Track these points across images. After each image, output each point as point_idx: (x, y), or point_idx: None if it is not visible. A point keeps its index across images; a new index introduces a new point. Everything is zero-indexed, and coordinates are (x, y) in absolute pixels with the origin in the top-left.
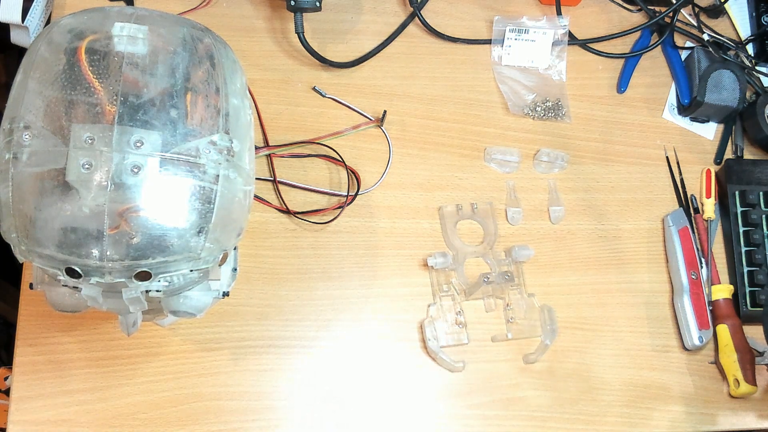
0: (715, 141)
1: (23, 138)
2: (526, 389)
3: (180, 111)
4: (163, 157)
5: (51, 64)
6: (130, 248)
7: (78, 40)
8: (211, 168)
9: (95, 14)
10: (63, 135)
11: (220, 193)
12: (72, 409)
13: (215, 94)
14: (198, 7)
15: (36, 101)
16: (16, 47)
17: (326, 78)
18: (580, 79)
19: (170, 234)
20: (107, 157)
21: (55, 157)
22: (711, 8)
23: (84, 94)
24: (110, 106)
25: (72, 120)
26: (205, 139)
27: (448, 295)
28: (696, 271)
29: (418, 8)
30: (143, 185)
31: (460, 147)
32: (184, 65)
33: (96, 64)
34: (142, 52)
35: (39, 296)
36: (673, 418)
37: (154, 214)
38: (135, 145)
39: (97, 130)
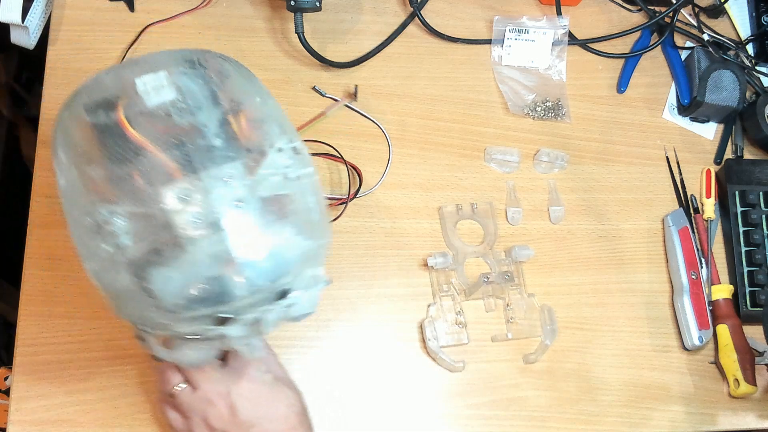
0: (715, 141)
1: (115, 225)
2: (526, 389)
3: (237, 132)
4: (254, 179)
5: (100, 147)
6: (266, 274)
7: (110, 113)
8: (291, 172)
9: (106, 79)
10: (154, 204)
11: (310, 190)
12: (72, 409)
13: (250, 104)
14: (198, 7)
15: (106, 187)
16: (16, 47)
17: (326, 78)
18: (580, 79)
19: (292, 245)
20: (209, 203)
21: (158, 228)
22: (711, 8)
23: (151, 158)
24: (183, 158)
25: (154, 186)
26: (273, 150)
27: (448, 295)
28: (696, 271)
29: (418, 8)
30: (251, 212)
31: (460, 147)
32: (212, 90)
33: (145, 127)
34: (173, 97)
35: (39, 296)
36: (673, 418)
37: (270, 233)
38: (226, 181)
39: (185, 184)
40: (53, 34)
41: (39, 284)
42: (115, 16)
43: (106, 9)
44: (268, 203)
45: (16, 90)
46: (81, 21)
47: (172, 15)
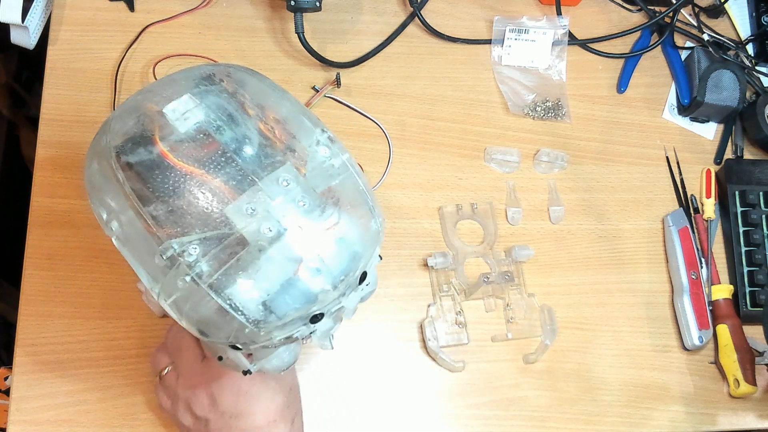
0: (715, 141)
1: (190, 254)
2: (526, 389)
3: (275, 135)
4: (306, 177)
5: (151, 185)
6: (344, 263)
7: (150, 148)
8: (334, 161)
9: (128, 116)
10: (223, 225)
11: (354, 173)
12: (72, 409)
13: (274, 105)
14: (198, 7)
15: (169, 222)
16: (16, 47)
17: (326, 78)
18: (580, 79)
19: (357, 229)
20: (274, 210)
21: (232, 246)
22: (711, 8)
23: (207, 182)
24: (236, 174)
25: (218, 209)
26: (312, 143)
27: (448, 295)
28: (696, 271)
29: (418, 8)
30: (314, 209)
31: (460, 147)
32: (238, 100)
33: (188, 153)
34: (204, 117)
35: (39, 296)
36: (673, 418)
37: (336, 223)
38: (284, 185)
39: (246, 198)
40: (53, 34)
41: (39, 284)
42: (115, 16)
43: (106, 9)
44: (324, 196)
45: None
46: (81, 21)
47: (172, 15)
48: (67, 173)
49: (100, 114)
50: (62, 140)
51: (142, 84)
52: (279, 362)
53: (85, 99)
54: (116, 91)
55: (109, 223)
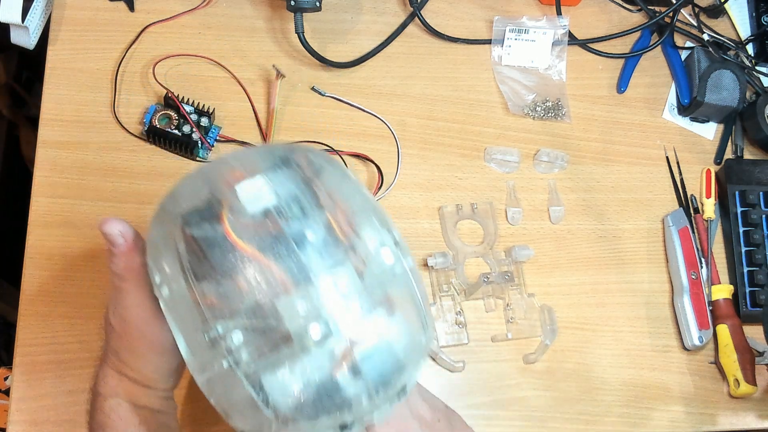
0: (715, 141)
1: (232, 339)
2: (526, 389)
3: (341, 232)
4: (364, 280)
5: (208, 261)
6: (385, 376)
7: (215, 225)
8: (397, 267)
9: (200, 185)
10: (270, 317)
11: (414, 281)
12: (72, 409)
13: (346, 199)
14: (198, 7)
15: (218, 302)
16: (16, 47)
17: (326, 78)
18: (580, 79)
19: (404, 341)
20: (324, 311)
21: (275, 340)
22: (711, 8)
23: (263, 270)
24: (295, 266)
25: (269, 299)
26: (377, 245)
27: (448, 295)
28: (696, 271)
29: (418, 8)
30: (366, 315)
31: (460, 147)
32: (312, 190)
33: (251, 237)
34: (275, 202)
35: (39, 296)
36: (673, 418)
37: (385, 333)
38: (340, 286)
39: (299, 293)
40: (53, 34)
41: (39, 284)
42: (115, 16)
43: (106, 9)
44: (379, 303)
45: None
46: (81, 21)
47: (172, 15)
48: (67, 173)
49: (100, 114)
50: (62, 140)
51: (142, 84)
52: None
53: (85, 99)
54: (116, 91)
55: (160, 286)
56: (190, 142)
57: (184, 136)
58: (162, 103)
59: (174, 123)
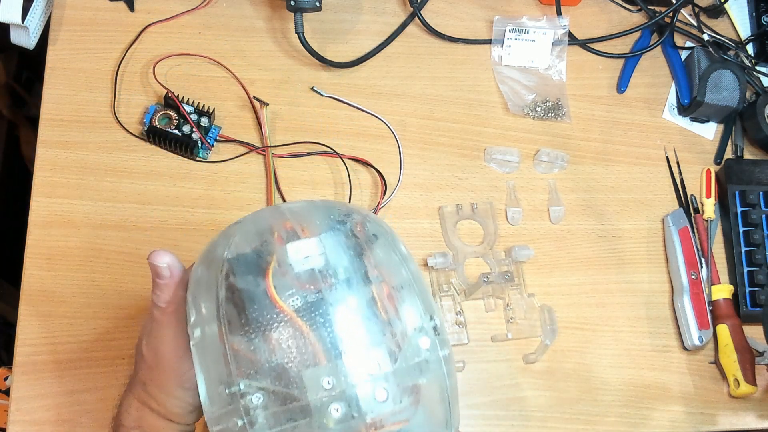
0: (715, 141)
1: (251, 400)
2: (526, 389)
3: (382, 310)
4: (396, 367)
5: (245, 315)
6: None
7: (258, 279)
8: (431, 356)
9: (257, 232)
10: (294, 387)
11: (446, 374)
12: (72, 409)
13: (394, 275)
14: (198, 7)
15: (246, 357)
16: (16, 47)
17: (326, 78)
18: (580, 79)
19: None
20: (350, 391)
21: (294, 410)
22: (711, 8)
23: (297, 336)
24: (329, 339)
25: (297, 368)
26: (415, 331)
27: (448, 295)
28: (696, 271)
29: (418, 8)
30: (391, 403)
31: (460, 147)
32: (362, 262)
33: (292, 299)
34: (322, 266)
35: (39, 296)
36: (673, 418)
37: (408, 423)
38: (370, 369)
39: (328, 369)
40: (53, 34)
41: (39, 284)
42: (115, 16)
43: (106, 9)
44: (407, 392)
45: (16, 90)
46: (81, 21)
47: (172, 15)
48: (67, 173)
49: (100, 114)
50: (62, 140)
51: (142, 84)
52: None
53: (85, 99)
54: (116, 91)
55: (194, 326)
56: (190, 142)
57: (184, 136)
58: (162, 103)
59: (174, 123)
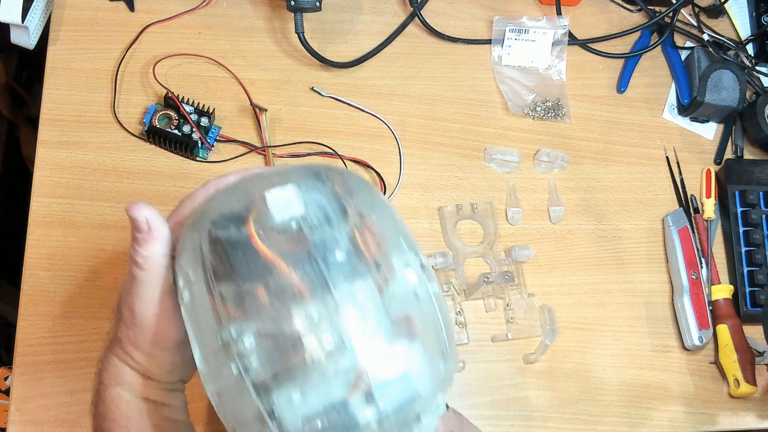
0: (715, 141)
1: (243, 345)
2: (526, 389)
3: (365, 247)
4: (384, 298)
5: (229, 264)
6: (396, 401)
7: (240, 228)
8: (420, 290)
9: (233, 193)
10: (284, 324)
11: (438, 308)
12: (72, 409)
13: (376, 218)
14: (198, 7)
15: (234, 305)
16: (16, 47)
17: (326, 78)
18: (580, 79)
19: (422, 368)
20: (339, 324)
21: (286, 348)
22: (711, 8)
23: (282, 276)
24: (314, 275)
25: (284, 305)
26: (401, 265)
27: (448, 295)
28: (696, 271)
29: (418, 8)
30: (382, 334)
31: (460, 147)
32: (341, 204)
33: (275, 243)
34: (303, 211)
35: (39, 296)
36: (673, 418)
37: (401, 356)
38: (358, 299)
39: (315, 303)
40: (53, 34)
41: (39, 284)
42: (115, 16)
43: (106, 9)
44: (398, 324)
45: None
46: (81, 21)
47: (172, 15)
48: (67, 173)
49: (100, 114)
50: (62, 140)
51: (142, 84)
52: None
53: (85, 99)
54: (116, 91)
55: (182, 291)
56: (190, 142)
57: (184, 136)
58: (162, 103)
59: (174, 123)
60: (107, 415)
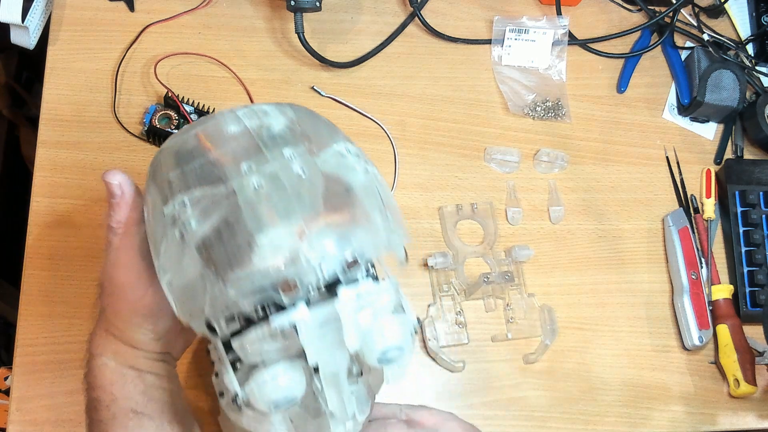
0: (715, 141)
1: (186, 211)
2: (526, 389)
3: (299, 129)
4: (316, 156)
5: (175, 158)
6: (330, 233)
7: (191, 137)
8: (352, 163)
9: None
10: (220, 182)
11: (374, 182)
12: (72, 409)
13: (313, 126)
14: (198, 7)
15: (180, 182)
16: (16, 47)
17: (326, 78)
18: (580, 79)
19: (360, 217)
20: (271, 168)
21: (220, 202)
22: (711, 8)
23: (224, 148)
24: (247, 142)
25: (221, 167)
26: (335, 144)
27: (448, 295)
28: (696, 271)
29: (418, 8)
30: (314, 181)
31: (460, 147)
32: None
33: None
34: (246, 123)
35: (39, 296)
36: (673, 418)
37: (333, 205)
38: (287, 155)
39: (251, 162)
40: (53, 34)
41: (39, 284)
42: (115, 16)
43: (106, 9)
44: (331, 180)
45: (16, 90)
46: (81, 21)
47: (172, 15)
48: (67, 173)
49: (100, 114)
50: (62, 140)
51: (142, 84)
52: (274, 390)
53: (85, 99)
54: (116, 91)
55: (146, 216)
56: None
57: None
58: (162, 103)
59: (174, 123)
60: (95, 383)
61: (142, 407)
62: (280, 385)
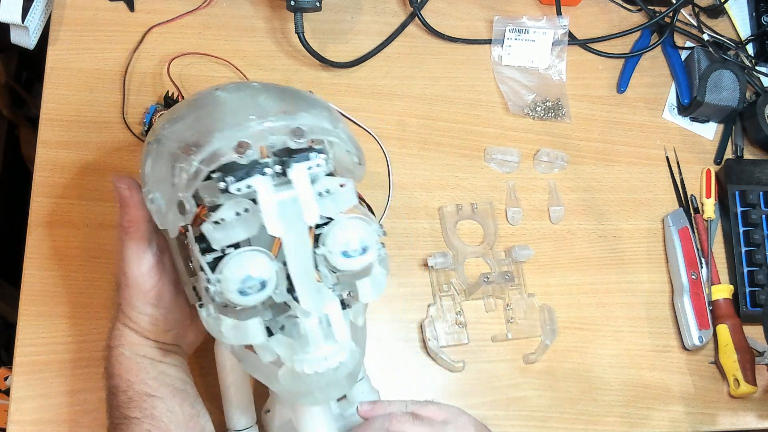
0: (715, 141)
1: (165, 126)
2: (526, 389)
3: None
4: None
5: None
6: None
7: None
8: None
9: None
10: (194, 105)
11: (343, 138)
12: (72, 409)
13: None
14: (198, 8)
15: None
16: (16, 47)
17: (326, 78)
18: (580, 79)
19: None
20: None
21: (191, 114)
22: (711, 8)
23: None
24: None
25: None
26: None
27: (448, 295)
28: (696, 271)
29: (418, 8)
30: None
31: (460, 147)
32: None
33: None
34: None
35: (39, 296)
36: (673, 418)
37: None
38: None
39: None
40: (53, 34)
41: (39, 284)
42: (115, 16)
43: (106, 9)
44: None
45: (16, 90)
46: (81, 21)
47: (172, 16)
48: (67, 173)
49: (100, 114)
50: (62, 140)
51: (142, 84)
52: (239, 267)
53: (85, 99)
54: (125, 92)
55: (147, 196)
56: None
57: None
58: (162, 103)
59: None
60: (113, 372)
61: (154, 391)
62: (246, 263)
